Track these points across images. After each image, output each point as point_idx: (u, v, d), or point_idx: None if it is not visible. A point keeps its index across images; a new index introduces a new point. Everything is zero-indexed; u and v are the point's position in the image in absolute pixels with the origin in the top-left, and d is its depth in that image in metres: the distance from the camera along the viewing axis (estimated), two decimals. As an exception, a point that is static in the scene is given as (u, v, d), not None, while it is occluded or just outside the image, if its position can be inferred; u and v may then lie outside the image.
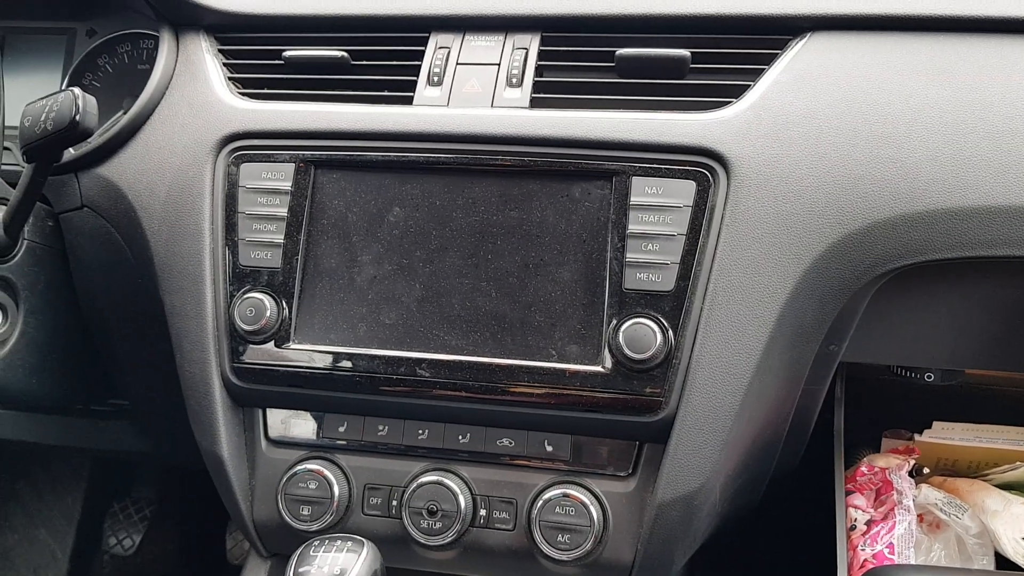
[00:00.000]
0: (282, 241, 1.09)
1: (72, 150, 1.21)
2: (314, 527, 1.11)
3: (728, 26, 1.10)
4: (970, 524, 1.28)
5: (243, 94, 1.18)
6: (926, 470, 1.42)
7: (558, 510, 1.06)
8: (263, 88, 1.19)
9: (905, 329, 1.15)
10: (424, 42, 1.16)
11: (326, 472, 1.12)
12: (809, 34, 1.08)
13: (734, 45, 1.10)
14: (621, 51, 1.09)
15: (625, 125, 1.04)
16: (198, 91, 1.19)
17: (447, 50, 1.14)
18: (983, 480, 1.37)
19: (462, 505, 1.08)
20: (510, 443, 1.10)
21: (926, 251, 1.00)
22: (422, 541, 1.09)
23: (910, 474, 1.33)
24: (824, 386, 1.18)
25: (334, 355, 1.07)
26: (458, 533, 1.08)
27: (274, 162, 1.11)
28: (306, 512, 1.11)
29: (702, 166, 1.01)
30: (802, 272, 1.00)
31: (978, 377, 1.43)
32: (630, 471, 1.08)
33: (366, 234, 1.08)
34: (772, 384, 1.06)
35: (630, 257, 1.01)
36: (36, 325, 1.22)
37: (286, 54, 1.18)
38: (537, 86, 1.11)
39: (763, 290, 1.00)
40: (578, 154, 1.04)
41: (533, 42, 1.13)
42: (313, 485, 1.11)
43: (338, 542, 0.94)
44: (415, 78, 1.14)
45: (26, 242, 1.19)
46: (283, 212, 1.10)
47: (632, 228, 1.02)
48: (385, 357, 1.06)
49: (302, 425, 1.16)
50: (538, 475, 1.10)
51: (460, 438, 1.11)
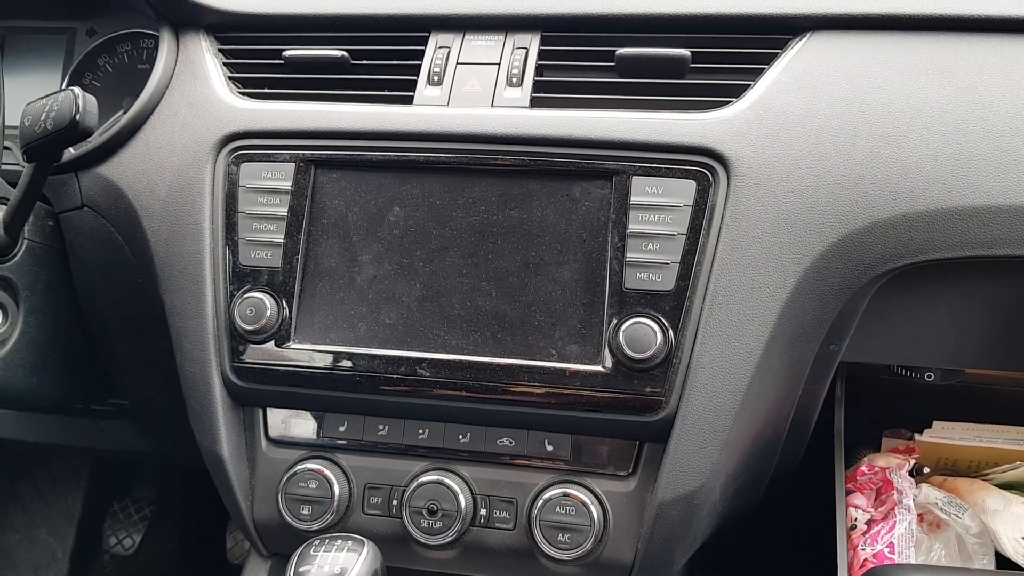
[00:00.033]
0: (282, 241, 1.09)
1: (72, 150, 1.21)
2: (314, 527, 1.11)
3: (728, 26, 1.10)
4: (970, 524, 1.28)
5: (243, 94, 1.18)
6: (926, 470, 1.42)
7: (558, 510, 1.06)
8: (263, 88, 1.19)
9: (905, 329, 1.15)
10: (424, 42, 1.16)
11: (326, 472, 1.12)
12: (809, 34, 1.08)
13: (734, 45, 1.10)
14: (621, 51, 1.09)
15: (625, 125, 1.04)
16: (198, 91, 1.19)
17: (447, 50, 1.14)
18: (983, 480, 1.37)
19: (462, 505, 1.08)
20: (510, 443, 1.10)
21: (926, 251, 1.00)
22: (422, 541, 1.09)
23: (910, 474, 1.33)
24: (824, 386, 1.18)
25: (334, 355, 1.07)
26: (458, 533, 1.08)
27: (274, 162, 1.11)
28: (306, 512, 1.11)
29: (702, 166, 1.01)
30: (802, 272, 1.00)
31: (978, 377, 1.43)
32: (630, 471, 1.08)
33: (366, 234, 1.08)
34: (772, 384, 1.06)
35: (630, 257, 1.01)
36: (36, 325, 1.22)
37: (286, 54, 1.18)
38: (537, 86, 1.11)
39: (763, 290, 1.00)
40: (578, 154, 1.04)
41: (533, 42, 1.13)
42: (313, 485, 1.11)
43: (338, 542, 0.94)
44: (415, 78, 1.14)
45: (26, 242, 1.19)
46: (283, 212, 1.10)
47: (632, 228, 1.02)
48: (385, 357, 1.06)
49: (302, 425, 1.16)
50: (538, 475, 1.10)
51: (460, 438, 1.11)
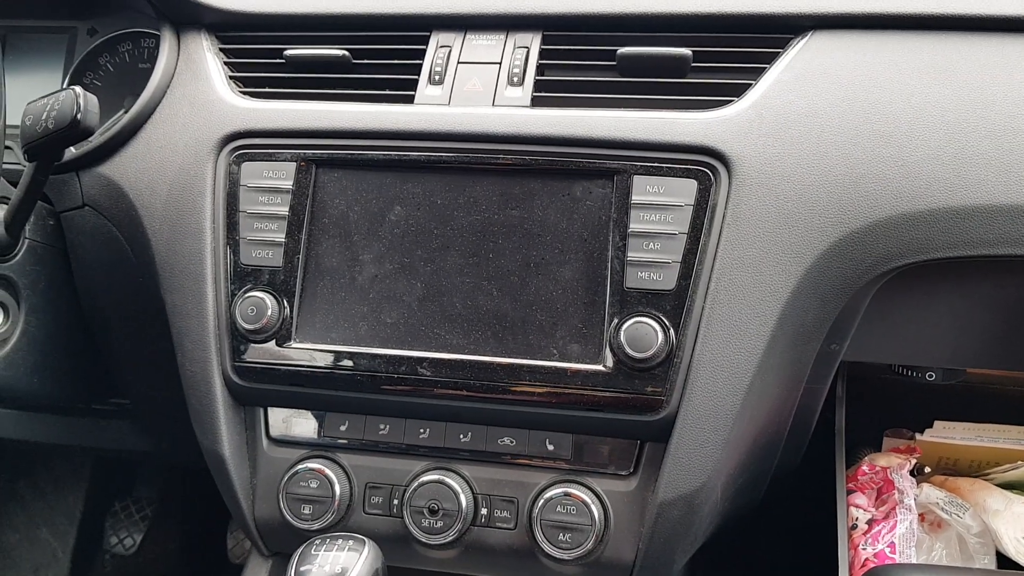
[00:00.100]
0: (283, 240, 1.09)
1: (73, 149, 1.21)
2: (315, 526, 1.11)
3: (729, 25, 1.10)
4: (971, 523, 1.28)
5: (244, 93, 1.18)
6: (927, 469, 1.42)
7: (559, 509, 1.06)
8: (264, 87, 1.19)
9: (906, 328, 1.14)
10: (425, 41, 1.16)
11: (327, 471, 1.12)
12: (811, 33, 1.08)
13: (735, 44, 1.10)
14: (622, 50, 1.09)
15: (626, 124, 1.04)
16: (199, 90, 1.19)
17: (448, 49, 1.14)
18: (984, 479, 1.37)
19: (463, 504, 1.08)
20: (511, 442, 1.10)
21: (927, 250, 1.00)
22: (423, 540, 1.09)
23: (911, 473, 1.33)
24: (825, 385, 1.18)
25: (335, 354, 1.07)
26: (459, 532, 1.08)
27: (275, 161, 1.11)
28: (307, 511, 1.11)
29: (703, 165, 1.01)
30: (803, 271, 1.00)
31: (979, 376, 1.43)
32: (631, 470, 1.08)
33: (367, 233, 1.08)
34: (773, 383, 1.06)
35: (631, 256, 1.01)
36: (37, 324, 1.22)
37: (287, 53, 1.18)
38: (538, 85, 1.11)
39: (764, 289, 1.00)
40: (579, 153, 1.04)
41: (534, 41, 1.13)
42: (314, 484, 1.11)
43: (339, 541, 0.94)
44: (416, 77, 1.14)
45: (27, 241, 1.19)
46: (284, 211, 1.10)
47: (633, 227, 1.02)
48: (386, 356, 1.06)
49: (303, 424, 1.16)
50: (539, 474, 1.10)
51: (461, 437, 1.11)
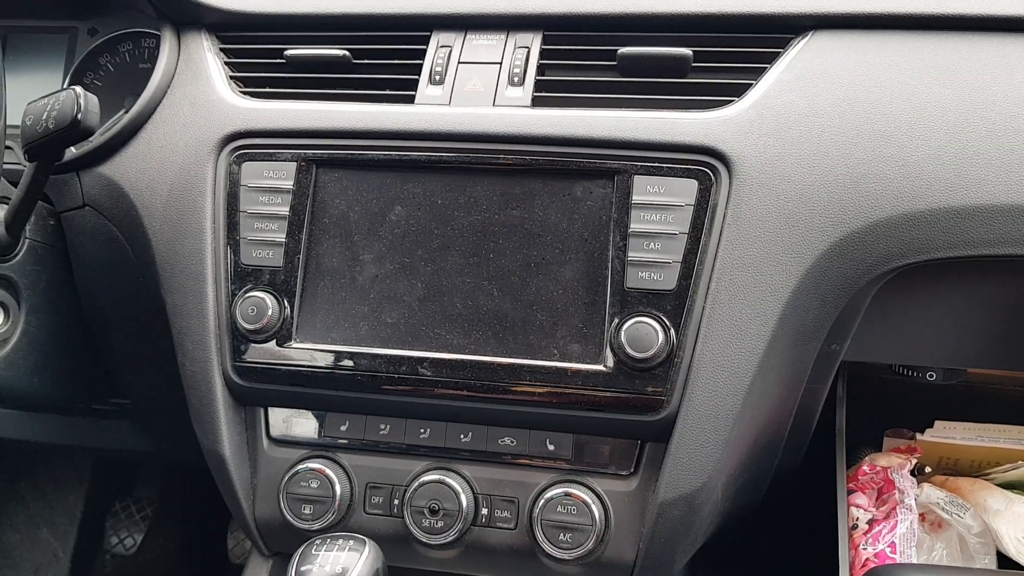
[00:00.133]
0: (284, 240, 1.09)
1: (74, 149, 1.21)
2: (316, 526, 1.11)
3: (730, 25, 1.10)
4: (972, 523, 1.28)
5: (245, 93, 1.18)
6: (928, 469, 1.42)
7: (560, 509, 1.06)
8: (265, 87, 1.19)
9: (907, 328, 1.14)
10: (426, 41, 1.16)
11: (328, 471, 1.12)
12: (811, 33, 1.08)
13: (736, 44, 1.10)
14: (623, 50, 1.09)
15: (627, 124, 1.04)
16: (200, 90, 1.19)
17: (449, 49, 1.14)
18: (985, 479, 1.37)
19: (464, 504, 1.08)
20: (512, 442, 1.10)
21: (928, 250, 1.00)
22: (424, 540, 1.09)
23: (912, 473, 1.33)
24: (826, 385, 1.18)
25: (336, 354, 1.07)
26: (460, 532, 1.08)
27: (276, 161, 1.11)
28: (308, 511, 1.11)
29: (704, 165, 1.01)
30: (804, 271, 1.00)
31: (980, 376, 1.43)
32: (632, 470, 1.08)
33: (368, 233, 1.08)
34: (774, 383, 1.06)
35: (632, 256, 1.01)
36: (38, 324, 1.22)
37: (288, 53, 1.18)
38: (539, 85, 1.11)
39: (765, 289, 1.00)
40: (580, 153, 1.04)
41: (535, 41, 1.13)
42: (315, 484, 1.11)
43: (340, 541, 0.94)
44: (417, 77, 1.14)
45: (28, 241, 1.19)
46: (285, 211, 1.10)
47: (634, 227, 1.02)
48: (387, 356, 1.06)
49: (304, 424, 1.16)
50: (540, 474, 1.10)
51: (462, 437, 1.11)
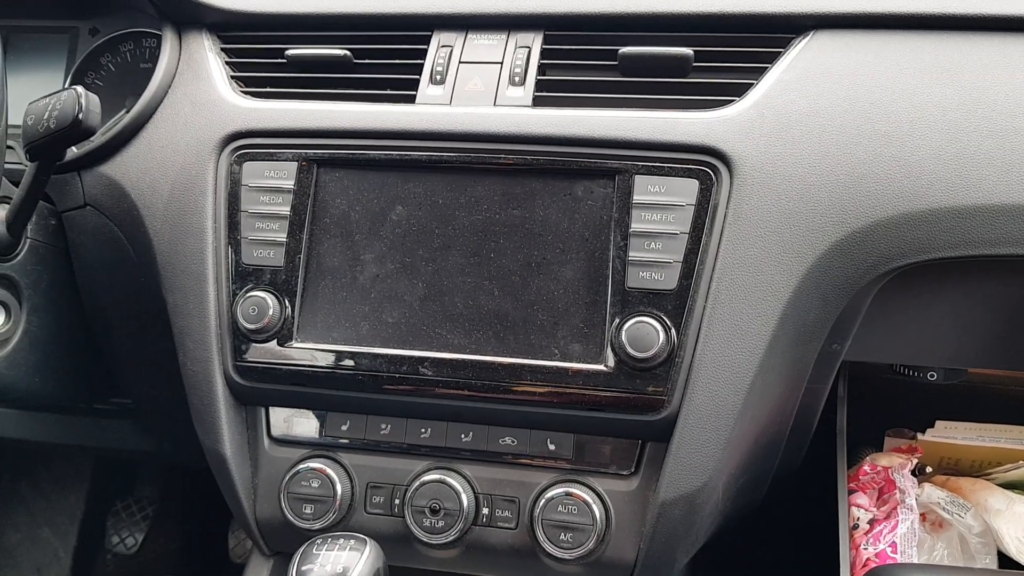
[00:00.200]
0: (285, 240, 1.09)
1: (75, 149, 1.21)
2: (317, 525, 1.11)
3: (731, 24, 1.10)
4: (973, 523, 1.28)
5: (246, 93, 1.18)
6: (929, 469, 1.42)
7: (560, 509, 1.06)
8: (266, 87, 1.19)
9: (908, 328, 1.14)
10: (427, 40, 1.16)
11: (329, 471, 1.12)
12: (812, 32, 1.08)
13: (737, 43, 1.10)
14: (624, 49, 1.09)
15: (628, 124, 1.04)
16: (201, 90, 1.19)
17: (450, 48, 1.14)
18: (986, 479, 1.37)
19: (465, 504, 1.08)
20: (513, 442, 1.10)
21: (929, 250, 0.99)
22: (425, 540, 1.09)
23: (913, 473, 1.33)
24: (827, 385, 1.18)
25: (337, 354, 1.07)
26: (461, 532, 1.08)
27: (277, 161, 1.11)
28: (309, 511, 1.11)
29: (705, 164, 1.01)
30: (805, 271, 1.00)
31: (981, 376, 1.42)
32: (632, 470, 1.08)
33: (369, 233, 1.08)
34: (775, 383, 1.06)
35: (633, 256, 1.01)
36: (39, 324, 1.22)
37: (289, 53, 1.18)
38: (540, 84, 1.11)
39: (766, 288, 1.00)
40: (581, 152, 1.04)
41: (536, 41, 1.13)
42: (316, 483, 1.11)
43: (341, 540, 0.94)
44: (418, 76, 1.14)
45: (29, 241, 1.19)
46: (286, 211, 1.10)
47: (635, 227, 1.01)
48: (388, 356, 1.06)
49: (305, 423, 1.16)
50: (541, 474, 1.10)
51: (463, 437, 1.11)
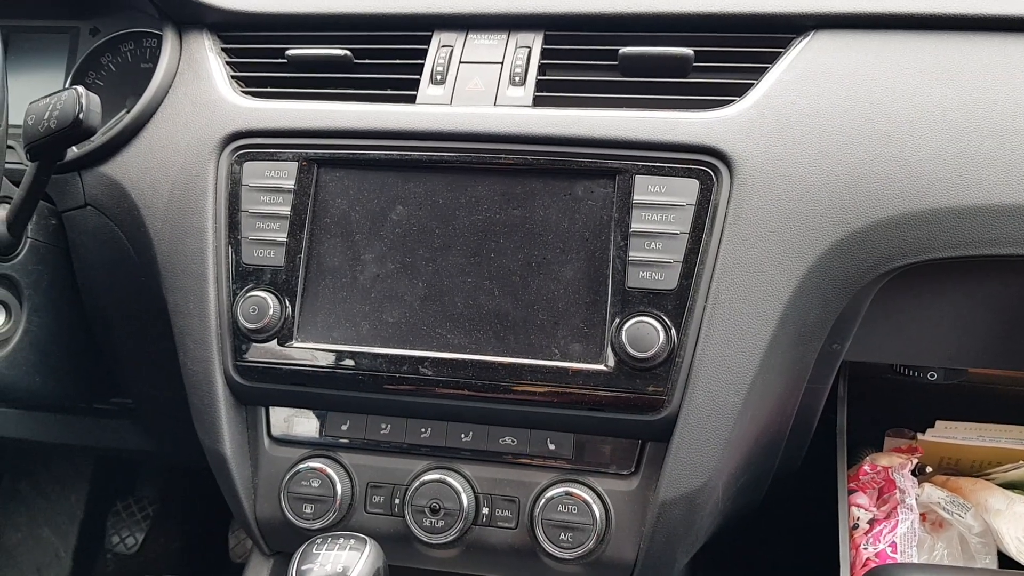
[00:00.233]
0: (285, 240, 1.09)
1: (75, 148, 1.21)
2: (317, 525, 1.11)
3: (731, 24, 1.10)
4: (973, 523, 1.28)
5: (246, 93, 1.18)
6: (929, 469, 1.42)
7: (560, 508, 1.06)
8: (266, 87, 1.19)
9: (908, 328, 1.14)
10: (427, 40, 1.16)
11: (329, 470, 1.12)
12: (813, 32, 1.08)
13: (737, 43, 1.10)
14: (624, 50, 1.09)
15: (628, 123, 1.04)
16: (201, 90, 1.19)
17: (450, 49, 1.14)
18: (986, 479, 1.37)
19: (465, 503, 1.08)
20: (513, 441, 1.10)
21: (929, 250, 0.99)
22: (425, 539, 1.09)
23: (913, 473, 1.33)
24: (827, 385, 1.18)
25: (337, 353, 1.07)
26: (461, 531, 1.08)
27: (277, 160, 1.11)
28: (309, 510, 1.11)
29: (705, 164, 1.01)
30: (805, 270, 1.00)
31: (981, 376, 1.42)
32: (632, 469, 1.08)
33: (369, 232, 1.08)
34: (775, 383, 1.06)
35: (633, 256, 1.01)
36: (39, 323, 1.22)
37: (289, 53, 1.18)
38: (540, 84, 1.11)
39: (766, 288, 1.00)
40: (581, 152, 1.04)
41: (536, 41, 1.13)
42: (316, 483, 1.11)
43: (341, 540, 0.94)
44: (418, 76, 1.14)
45: (29, 240, 1.19)
46: (286, 210, 1.10)
47: (635, 227, 1.02)
48: (388, 355, 1.06)
49: (305, 423, 1.16)
50: (541, 473, 1.10)
51: (463, 436, 1.11)
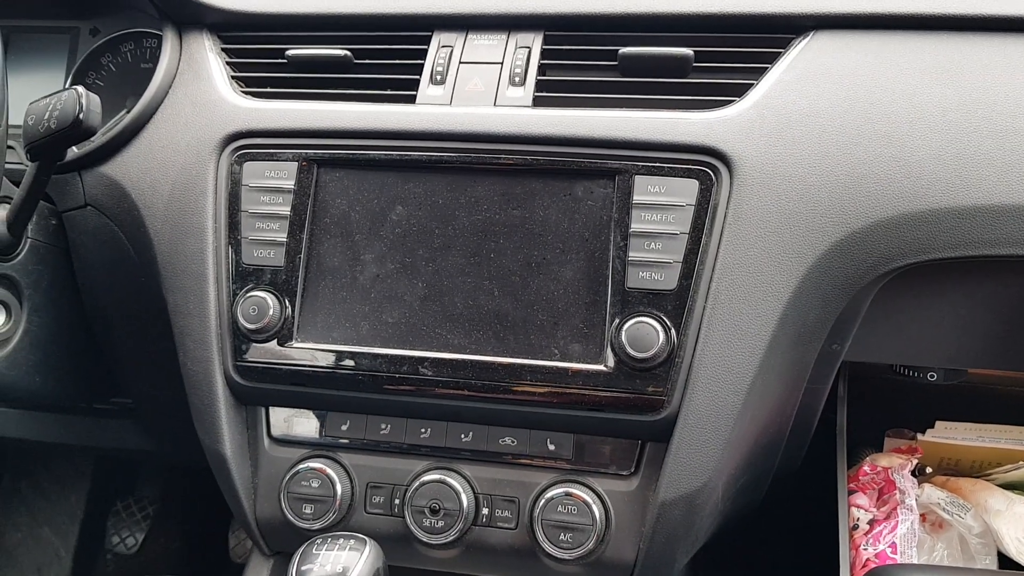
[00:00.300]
0: (285, 240, 1.09)
1: (75, 149, 1.21)
2: (316, 525, 1.11)
3: (731, 25, 1.10)
4: (973, 524, 1.28)
5: (246, 93, 1.18)
6: (929, 469, 1.42)
7: (560, 509, 1.06)
8: (266, 87, 1.19)
9: (908, 328, 1.14)
10: (427, 41, 1.16)
11: (329, 470, 1.12)
12: (812, 33, 1.08)
13: (737, 44, 1.10)
14: (624, 50, 1.09)
15: (628, 124, 1.04)
16: (201, 90, 1.19)
17: (450, 49, 1.14)
18: (986, 480, 1.37)
19: (464, 504, 1.08)
20: (512, 442, 1.10)
21: (929, 250, 0.99)
22: (424, 540, 1.09)
23: (913, 473, 1.33)
24: (827, 385, 1.18)
25: (337, 354, 1.07)
26: (460, 532, 1.08)
27: (277, 161, 1.11)
28: (309, 510, 1.11)
29: (705, 165, 1.01)
30: (805, 271, 1.00)
31: (981, 377, 1.42)
32: (632, 470, 1.08)
33: (369, 233, 1.08)
34: (775, 383, 1.06)
35: (633, 256, 1.01)
36: (40, 323, 1.22)
37: (289, 53, 1.18)
38: (540, 85, 1.11)
39: (766, 289, 1.00)
40: (581, 153, 1.04)
41: (536, 41, 1.13)
42: (316, 483, 1.11)
43: (340, 540, 0.94)
44: (418, 77, 1.14)
45: (30, 240, 1.19)
46: (286, 211, 1.10)
47: (635, 227, 1.02)
48: (388, 356, 1.06)
49: (305, 423, 1.16)
50: (540, 474, 1.10)
51: (463, 437, 1.11)
